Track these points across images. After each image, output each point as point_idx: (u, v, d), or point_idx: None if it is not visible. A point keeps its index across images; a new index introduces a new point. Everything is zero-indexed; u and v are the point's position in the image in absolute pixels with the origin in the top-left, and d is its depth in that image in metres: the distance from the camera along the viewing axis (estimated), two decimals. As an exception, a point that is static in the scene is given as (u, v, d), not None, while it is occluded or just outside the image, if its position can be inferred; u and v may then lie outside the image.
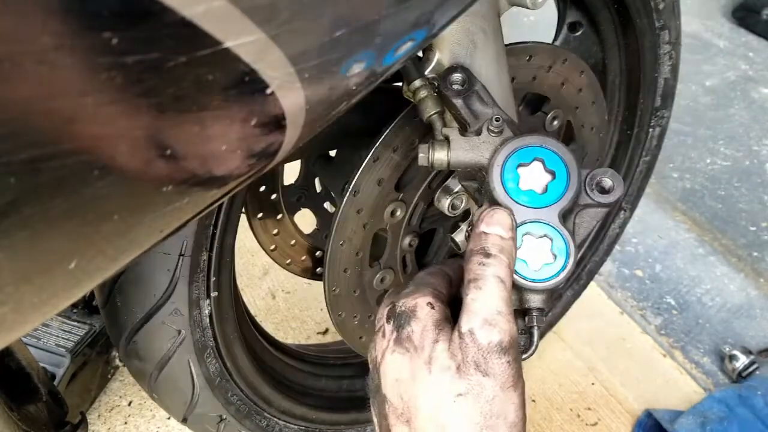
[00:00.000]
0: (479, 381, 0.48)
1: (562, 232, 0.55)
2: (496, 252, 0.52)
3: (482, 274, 0.51)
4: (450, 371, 0.49)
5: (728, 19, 2.80)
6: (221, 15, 0.30)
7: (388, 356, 0.53)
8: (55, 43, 0.26)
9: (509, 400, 0.49)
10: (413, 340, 0.52)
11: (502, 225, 0.54)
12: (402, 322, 0.54)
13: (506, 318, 0.50)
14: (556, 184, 0.56)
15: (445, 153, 0.61)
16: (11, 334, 0.35)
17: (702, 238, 1.90)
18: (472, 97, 0.64)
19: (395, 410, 0.52)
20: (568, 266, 0.55)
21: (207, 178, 0.37)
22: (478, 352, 0.49)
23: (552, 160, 0.57)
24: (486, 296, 0.50)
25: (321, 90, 0.38)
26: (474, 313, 0.50)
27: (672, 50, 1.08)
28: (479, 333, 0.49)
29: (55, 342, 1.25)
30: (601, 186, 0.58)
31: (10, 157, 0.27)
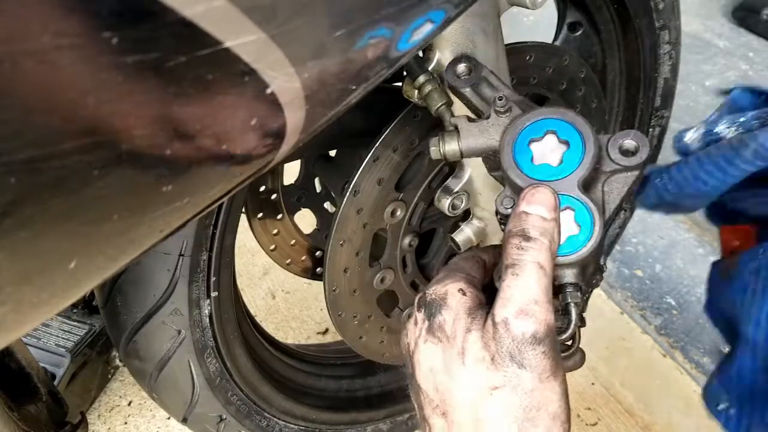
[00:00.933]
0: (515, 373, 0.46)
1: (583, 200, 0.52)
2: (537, 235, 0.49)
3: (520, 260, 0.48)
4: (485, 363, 0.47)
5: (728, 19, 2.80)
6: (221, 15, 0.30)
7: (421, 345, 0.51)
8: (55, 43, 0.26)
9: (550, 390, 0.46)
10: (445, 330, 0.50)
11: (544, 204, 0.50)
12: (433, 310, 0.51)
13: (543, 307, 0.47)
14: (571, 154, 0.54)
15: (455, 142, 0.59)
16: (11, 334, 0.35)
17: (702, 238, 1.90)
18: (480, 84, 0.62)
19: (431, 402, 0.50)
20: (594, 234, 0.51)
21: (207, 178, 0.37)
22: (513, 343, 0.46)
23: (564, 129, 0.54)
24: (523, 284, 0.47)
25: (321, 90, 0.38)
26: (509, 301, 0.47)
27: (672, 50, 1.08)
28: (513, 323, 0.46)
29: (55, 342, 1.25)
30: (625, 149, 0.54)
31: (10, 157, 0.27)
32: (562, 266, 0.52)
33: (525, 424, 0.46)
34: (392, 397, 1.18)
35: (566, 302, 0.52)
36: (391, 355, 1.00)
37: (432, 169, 0.85)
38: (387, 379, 1.19)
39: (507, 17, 0.74)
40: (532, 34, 0.99)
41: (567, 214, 0.52)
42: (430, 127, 0.80)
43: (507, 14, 0.75)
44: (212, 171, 0.37)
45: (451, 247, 0.92)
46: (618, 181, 0.55)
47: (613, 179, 0.55)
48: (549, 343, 0.46)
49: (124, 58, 0.28)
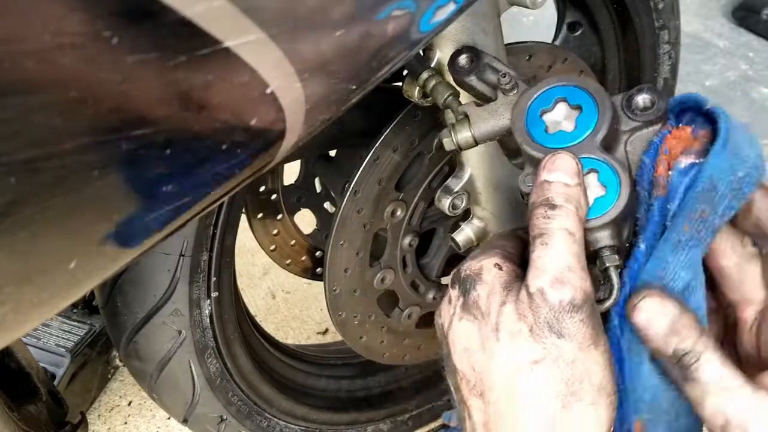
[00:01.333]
0: (555, 343, 0.44)
1: (606, 159, 0.50)
2: (562, 202, 0.47)
3: (548, 228, 0.46)
4: (522, 335, 0.45)
5: (728, 19, 2.80)
6: (221, 15, 0.30)
7: (456, 324, 0.49)
8: (55, 42, 0.26)
9: (591, 360, 0.44)
10: (480, 306, 0.48)
11: (565, 170, 0.48)
12: (468, 286, 0.49)
13: (578, 274, 0.45)
14: (585, 117, 0.52)
15: (467, 130, 0.58)
16: (11, 334, 0.35)
17: (702, 238, 1.89)
18: (484, 71, 0.61)
19: (468, 382, 0.48)
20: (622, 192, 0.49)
21: (207, 178, 0.37)
22: (550, 312, 0.44)
23: (574, 94, 0.53)
24: (554, 252, 0.45)
25: (321, 89, 0.38)
26: (542, 270, 0.45)
27: (671, 50, 1.08)
28: (549, 292, 0.44)
29: (55, 342, 1.25)
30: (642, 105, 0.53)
31: (10, 157, 0.27)
32: (594, 230, 0.49)
33: (569, 399, 0.44)
34: (392, 397, 1.18)
35: (605, 266, 0.49)
36: (392, 355, 1.00)
37: (432, 168, 0.85)
38: (387, 379, 1.19)
39: (507, 17, 0.74)
40: (532, 33, 0.99)
41: (591, 177, 0.50)
42: (430, 127, 0.80)
43: (507, 14, 0.75)
44: (212, 171, 0.37)
45: (451, 247, 0.92)
46: (640, 139, 0.53)
47: (635, 137, 0.53)
48: (587, 310, 0.44)
49: (124, 58, 0.28)
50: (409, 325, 0.98)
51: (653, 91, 0.53)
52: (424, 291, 0.97)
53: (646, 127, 0.52)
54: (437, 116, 0.79)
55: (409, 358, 1.03)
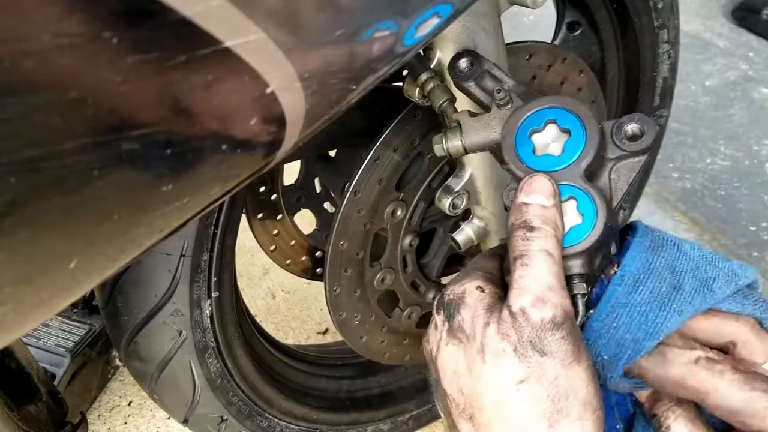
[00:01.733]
0: (538, 361, 0.45)
1: (585, 189, 0.51)
2: (540, 224, 0.48)
3: (527, 250, 0.47)
4: (506, 355, 0.45)
5: (728, 19, 2.80)
6: (221, 15, 0.30)
7: (443, 348, 0.50)
8: (55, 42, 0.26)
9: (575, 376, 0.45)
10: (464, 329, 0.49)
11: (542, 193, 0.50)
12: (452, 311, 0.50)
13: (558, 293, 0.46)
14: (572, 142, 0.53)
15: (458, 139, 0.59)
16: (11, 334, 0.35)
17: (702, 237, 1.90)
18: (483, 77, 0.62)
19: (457, 406, 0.49)
20: (597, 223, 0.50)
21: (207, 178, 0.37)
22: (533, 331, 0.45)
23: (564, 118, 0.53)
24: (534, 272, 0.46)
25: (321, 89, 0.38)
26: (523, 290, 0.46)
27: (671, 49, 1.08)
28: (531, 311, 0.45)
29: (55, 342, 1.25)
30: (630, 133, 0.53)
31: (10, 157, 0.27)
32: (567, 257, 0.50)
33: (555, 416, 0.44)
34: (393, 397, 1.18)
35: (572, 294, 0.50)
36: (392, 355, 1.00)
37: (432, 168, 0.85)
38: (387, 380, 1.19)
39: (507, 16, 0.74)
40: (532, 33, 0.99)
41: (570, 204, 0.51)
42: (430, 127, 0.80)
43: (507, 14, 0.75)
44: (212, 171, 0.37)
45: (451, 247, 0.92)
46: (626, 168, 0.54)
47: (620, 165, 0.54)
48: (568, 327, 0.45)
49: (124, 58, 0.28)
50: (410, 325, 0.98)
51: (644, 121, 0.53)
52: (424, 291, 0.97)
53: (632, 157, 0.53)
54: (437, 116, 0.79)
55: (410, 358, 1.03)
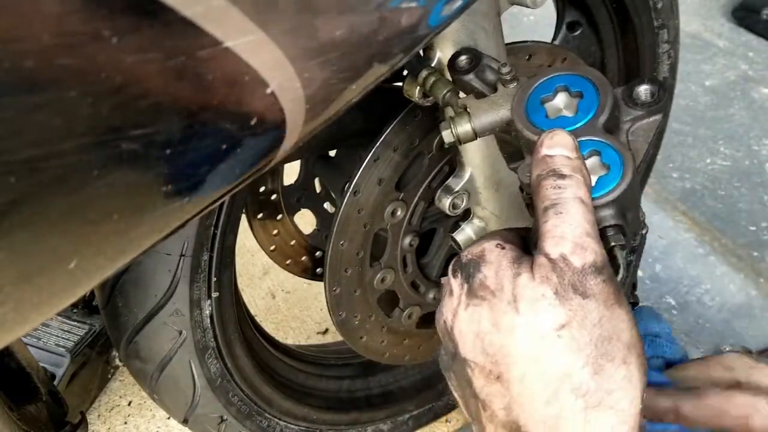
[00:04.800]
0: (580, 304, 0.42)
1: (608, 140, 0.50)
2: (570, 172, 0.46)
3: (560, 198, 0.45)
4: (545, 300, 0.42)
5: (728, 19, 2.80)
6: (221, 15, 0.30)
7: (461, 314, 0.46)
8: (55, 42, 0.26)
9: (618, 318, 0.43)
10: (488, 285, 0.45)
11: (565, 146, 0.47)
12: (471, 270, 0.47)
13: (595, 240, 0.44)
14: (586, 101, 0.52)
15: (467, 123, 0.58)
16: (11, 334, 0.35)
17: (702, 238, 1.90)
18: (483, 71, 0.61)
19: (482, 369, 0.45)
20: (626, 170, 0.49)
21: (207, 178, 0.37)
22: (574, 275, 0.42)
23: (575, 82, 0.53)
24: (569, 219, 0.44)
25: (321, 89, 0.38)
26: (561, 237, 0.43)
27: (671, 49, 1.08)
28: (572, 257, 0.43)
29: (55, 342, 1.25)
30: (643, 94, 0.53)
31: (10, 157, 0.27)
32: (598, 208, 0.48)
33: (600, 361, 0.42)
34: (393, 397, 1.18)
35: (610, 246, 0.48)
36: (392, 355, 1.00)
37: (432, 168, 0.85)
38: (387, 380, 1.19)
39: (507, 16, 0.74)
40: (532, 33, 0.99)
41: (593, 159, 0.50)
42: (430, 127, 0.80)
43: (507, 13, 0.75)
44: (212, 171, 0.37)
45: (451, 247, 0.92)
46: (642, 128, 0.53)
47: (636, 127, 0.53)
48: (608, 272, 0.44)
49: (124, 58, 0.28)
50: (410, 325, 0.98)
51: (654, 82, 0.53)
52: (424, 291, 0.97)
53: (647, 117, 0.52)
54: (437, 116, 0.79)
55: (410, 358, 1.03)
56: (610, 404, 0.41)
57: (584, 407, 0.41)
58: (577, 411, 0.41)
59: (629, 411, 0.42)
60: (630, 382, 0.42)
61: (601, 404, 0.41)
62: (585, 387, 0.41)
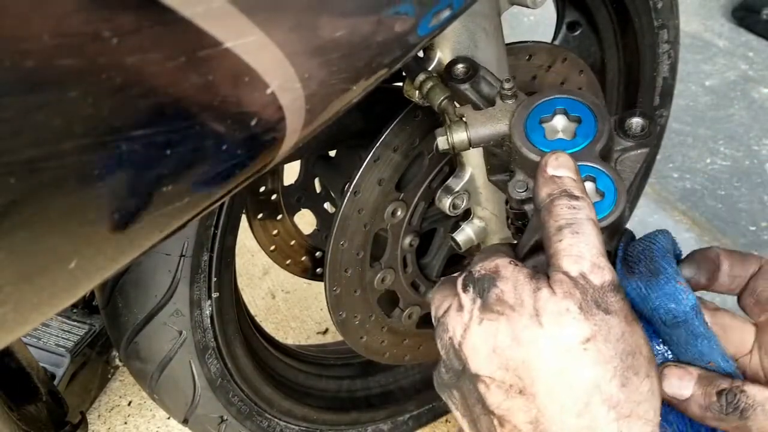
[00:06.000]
0: (604, 319, 0.43)
1: (603, 168, 0.51)
2: (581, 194, 0.47)
3: (576, 218, 0.46)
4: (570, 314, 0.43)
5: (728, 19, 2.80)
6: (221, 15, 0.30)
7: (475, 328, 0.46)
8: (55, 42, 0.26)
9: (637, 334, 0.44)
10: (506, 300, 0.46)
11: (569, 167, 0.49)
12: (485, 285, 0.47)
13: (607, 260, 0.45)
14: (584, 127, 0.53)
15: (464, 132, 0.59)
16: (11, 334, 0.35)
17: (702, 237, 1.90)
18: (479, 82, 0.62)
19: (502, 385, 0.45)
20: (619, 199, 0.51)
21: (207, 179, 0.37)
22: (595, 292, 0.44)
23: (574, 106, 0.54)
24: (587, 240, 0.45)
25: (321, 89, 0.38)
26: (579, 257, 0.45)
27: (670, 49, 1.08)
28: (591, 276, 0.44)
29: (55, 342, 1.25)
30: (635, 126, 0.55)
31: (10, 157, 0.27)
32: None
33: (626, 374, 0.43)
34: (393, 397, 1.18)
35: None
36: (392, 355, 1.00)
37: (432, 168, 0.85)
38: (387, 380, 1.19)
39: (507, 16, 0.74)
40: (532, 33, 0.99)
41: (588, 184, 0.51)
42: (430, 127, 0.80)
43: (507, 13, 0.75)
44: (212, 171, 0.37)
45: (451, 247, 0.92)
46: (630, 159, 0.55)
47: (625, 157, 0.55)
48: (623, 291, 0.45)
49: (124, 59, 0.28)
50: (410, 325, 0.98)
51: (646, 116, 0.55)
52: (424, 291, 0.97)
53: (636, 149, 0.55)
54: (437, 116, 0.79)
55: (410, 358, 1.03)
56: (639, 414, 0.43)
57: (616, 418, 0.42)
58: (610, 421, 0.42)
59: (654, 421, 0.43)
60: (653, 395, 0.44)
61: (631, 415, 0.42)
62: (615, 398, 0.42)
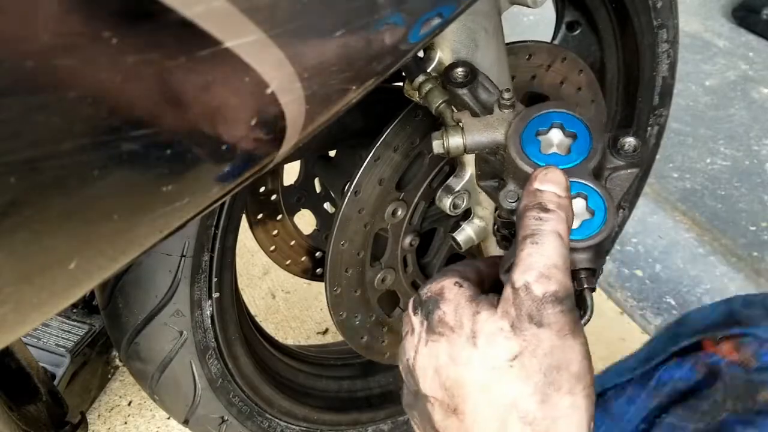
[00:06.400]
0: (534, 333, 0.43)
1: (596, 186, 0.52)
2: (554, 207, 0.48)
3: (539, 229, 0.47)
4: (502, 333, 0.44)
5: (728, 19, 2.80)
6: (221, 15, 0.30)
7: (422, 350, 0.48)
8: (55, 42, 0.26)
9: (569, 349, 0.44)
10: (447, 322, 0.47)
11: (557, 183, 0.50)
12: (431, 307, 0.49)
13: (563, 272, 0.45)
14: (579, 144, 0.54)
15: (460, 137, 0.59)
16: (11, 334, 0.35)
17: (702, 238, 1.90)
18: (477, 88, 0.63)
19: (441, 404, 0.46)
20: (608, 219, 0.51)
21: (207, 178, 0.37)
22: (533, 304, 0.44)
23: (571, 122, 0.55)
24: (543, 250, 0.46)
25: (321, 89, 0.38)
26: (529, 266, 0.45)
27: (670, 49, 1.08)
28: (534, 286, 0.44)
29: (55, 342, 1.25)
30: (628, 146, 0.56)
31: (10, 157, 0.27)
32: (577, 251, 0.51)
33: (547, 390, 0.43)
34: (393, 397, 1.18)
35: (582, 287, 0.50)
36: (392, 355, 1.00)
37: (433, 168, 0.85)
38: (388, 380, 1.19)
39: (507, 16, 0.74)
40: (532, 33, 0.99)
41: (580, 201, 0.52)
42: (430, 127, 0.80)
43: (507, 13, 0.75)
44: (212, 171, 0.37)
45: (452, 247, 0.92)
46: (620, 178, 0.56)
47: (615, 176, 0.56)
48: (568, 304, 0.45)
49: (124, 58, 0.28)
50: (410, 325, 0.98)
51: (638, 137, 0.56)
52: (424, 291, 0.96)
53: (627, 168, 0.56)
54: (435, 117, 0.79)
55: (410, 358, 1.03)
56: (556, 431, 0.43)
57: None
58: None
59: None
60: (575, 411, 0.44)
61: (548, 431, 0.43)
62: (531, 415, 0.43)
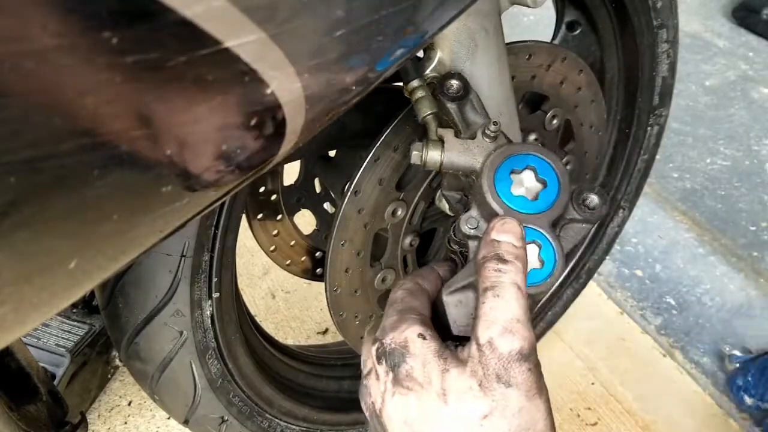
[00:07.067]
0: (503, 394, 0.46)
1: (552, 239, 0.55)
2: (512, 258, 0.50)
3: (499, 281, 0.49)
4: (471, 392, 0.46)
5: (728, 19, 2.80)
6: (221, 15, 0.30)
7: (389, 400, 0.50)
8: (55, 42, 0.26)
9: (536, 409, 0.46)
10: (415, 377, 0.49)
11: (513, 234, 0.52)
12: (397, 360, 0.50)
13: (525, 325, 0.47)
14: (547, 193, 0.56)
15: (438, 153, 0.61)
16: (11, 334, 0.35)
17: (702, 238, 1.90)
18: (465, 105, 0.64)
19: None
20: (555, 273, 0.54)
21: (207, 178, 0.37)
22: (499, 362, 0.46)
23: (544, 169, 0.57)
24: (504, 304, 0.48)
25: (321, 89, 0.38)
26: (492, 321, 0.47)
27: (670, 49, 1.08)
28: (499, 342, 0.46)
29: (55, 342, 1.25)
30: (589, 202, 0.58)
31: (10, 157, 0.27)
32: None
33: None
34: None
35: None
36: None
37: (432, 169, 0.85)
38: (387, 380, 1.19)
39: (507, 16, 0.74)
40: (532, 33, 0.99)
41: (533, 248, 0.54)
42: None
43: (507, 13, 0.75)
44: (212, 171, 0.37)
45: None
46: (573, 230, 0.58)
47: (569, 227, 0.58)
48: (533, 360, 0.47)
49: (124, 59, 0.28)
50: (410, 325, 0.98)
51: (602, 194, 0.58)
52: (424, 291, 0.96)
53: (582, 222, 0.58)
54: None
55: (410, 358, 1.03)
56: None
57: None
58: None
59: None
60: None
61: None
62: None
